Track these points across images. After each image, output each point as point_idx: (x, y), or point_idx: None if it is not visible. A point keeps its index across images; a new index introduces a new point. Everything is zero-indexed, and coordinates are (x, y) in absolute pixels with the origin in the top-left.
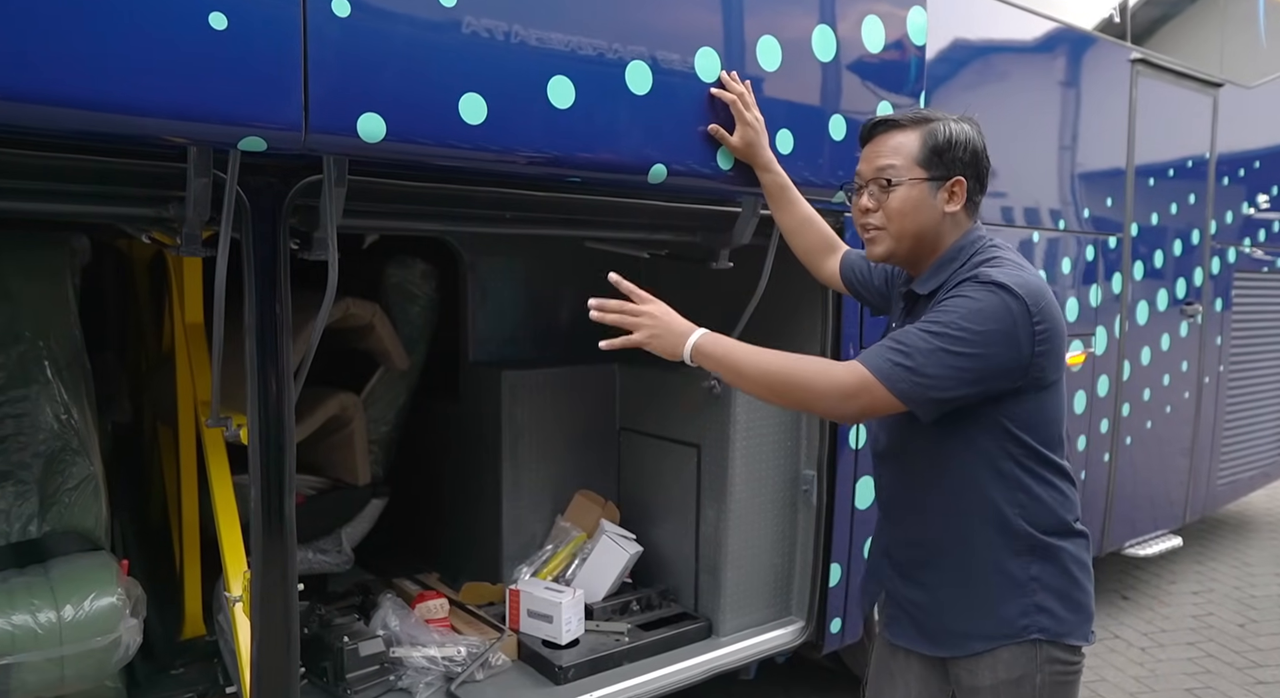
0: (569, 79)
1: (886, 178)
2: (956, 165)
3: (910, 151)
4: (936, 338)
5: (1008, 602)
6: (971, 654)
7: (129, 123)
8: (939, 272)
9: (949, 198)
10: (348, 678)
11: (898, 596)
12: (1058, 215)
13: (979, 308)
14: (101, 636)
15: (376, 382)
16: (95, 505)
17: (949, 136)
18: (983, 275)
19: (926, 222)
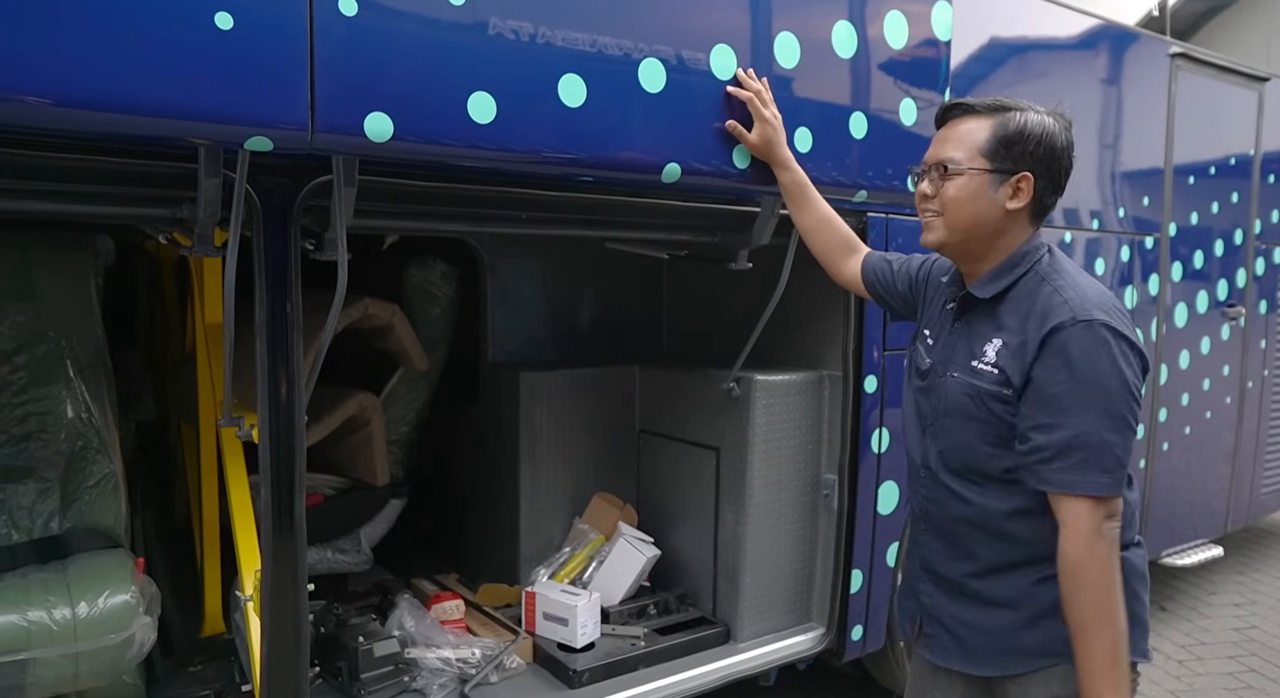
0: (580, 77)
1: (945, 165)
2: (1026, 160)
3: (977, 141)
4: (1098, 415)
5: (1061, 620)
6: (1027, 672)
7: (135, 123)
8: (1000, 277)
9: (1013, 193)
10: (362, 678)
11: (941, 614)
12: (1093, 215)
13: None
14: (115, 633)
15: (396, 382)
16: (115, 504)
17: (1021, 128)
18: (1074, 309)
19: (984, 215)
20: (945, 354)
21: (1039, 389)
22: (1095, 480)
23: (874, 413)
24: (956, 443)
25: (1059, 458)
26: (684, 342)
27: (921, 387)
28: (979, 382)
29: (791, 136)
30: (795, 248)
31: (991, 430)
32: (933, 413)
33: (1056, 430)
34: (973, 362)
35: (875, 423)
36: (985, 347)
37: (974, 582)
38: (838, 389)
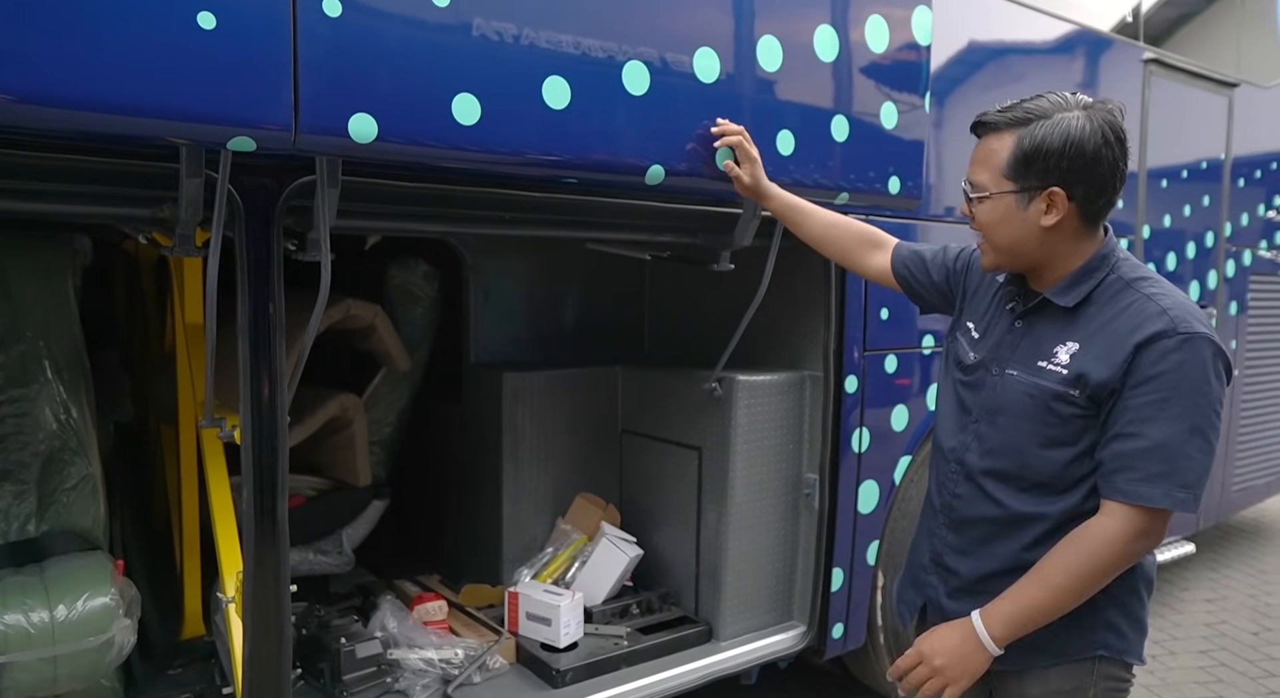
0: (564, 79)
1: (972, 191)
2: (1052, 174)
3: (999, 161)
4: (1191, 429)
5: (1080, 618)
6: (1029, 668)
7: (117, 122)
8: (1080, 283)
9: (1046, 209)
10: (344, 680)
11: (948, 608)
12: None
13: (1204, 370)
14: (95, 636)
15: (378, 383)
16: (93, 505)
17: (1038, 144)
18: (1175, 320)
19: (1021, 236)
20: (1001, 351)
21: (1126, 397)
22: (1172, 494)
23: (854, 413)
24: (1006, 443)
25: (1137, 467)
26: (665, 342)
27: (966, 381)
28: (1043, 381)
29: (774, 139)
30: (777, 249)
31: (1046, 433)
32: (980, 409)
33: (1139, 439)
34: (1039, 362)
35: (856, 423)
36: (1057, 348)
37: (988, 581)
38: (819, 389)
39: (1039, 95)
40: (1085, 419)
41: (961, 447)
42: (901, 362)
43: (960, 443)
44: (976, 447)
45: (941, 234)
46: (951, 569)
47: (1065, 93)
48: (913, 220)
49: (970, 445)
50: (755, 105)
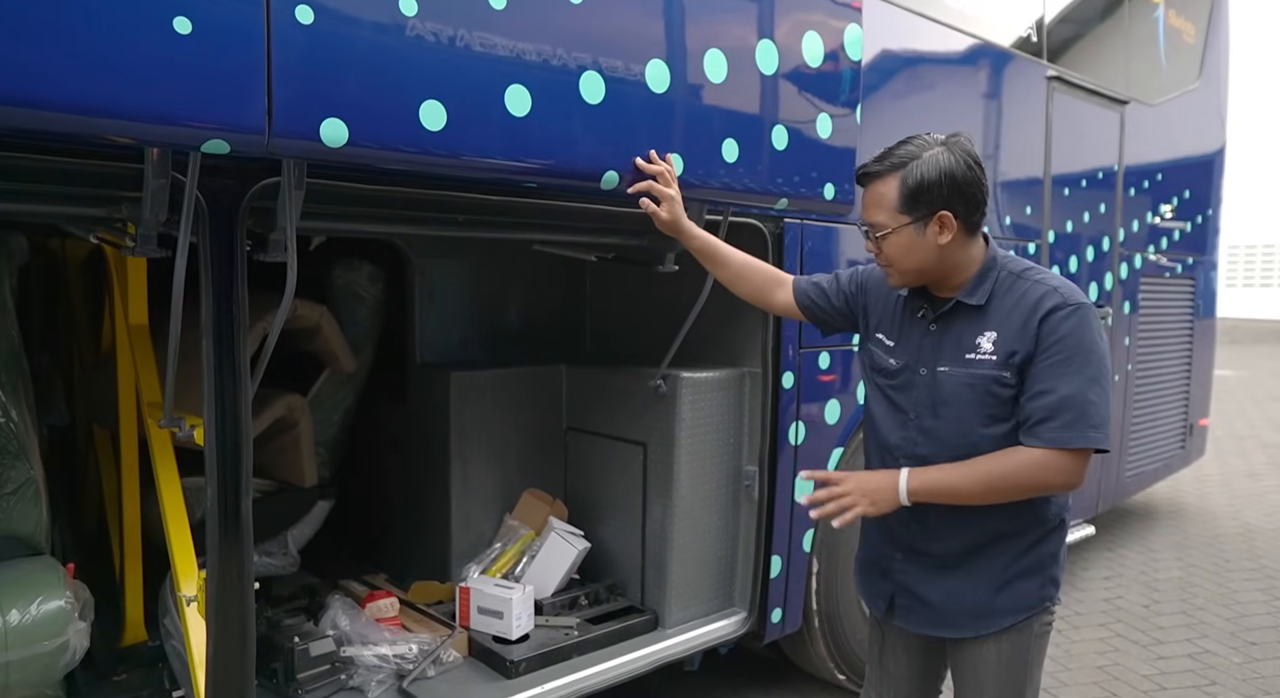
0: (526, 88)
1: (877, 230)
2: (937, 202)
3: (890, 201)
4: (1089, 379)
5: (1034, 578)
6: (995, 631)
7: (93, 124)
8: (982, 283)
9: (939, 230)
10: (298, 678)
11: (918, 588)
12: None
13: (1091, 332)
14: (49, 640)
15: (323, 383)
16: (35, 510)
17: (920, 179)
18: (1063, 295)
19: (925, 256)
20: (923, 354)
21: (1037, 363)
22: (1085, 435)
23: (791, 407)
24: (955, 428)
25: (1056, 416)
26: (607, 342)
27: (893, 384)
28: (977, 369)
29: (719, 146)
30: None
31: (987, 411)
32: (917, 407)
33: (1052, 394)
34: (967, 355)
35: (792, 417)
36: (978, 340)
37: (960, 557)
38: (757, 385)
39: (903, 141)
40: (1016, 397)
41: (909, 442)
42: (834, 358)
43: (905, 439)
44: (925, 440)
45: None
46: (922, 552)
47: (924, 135)
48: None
49: (918, 440)
50: (703, 114)
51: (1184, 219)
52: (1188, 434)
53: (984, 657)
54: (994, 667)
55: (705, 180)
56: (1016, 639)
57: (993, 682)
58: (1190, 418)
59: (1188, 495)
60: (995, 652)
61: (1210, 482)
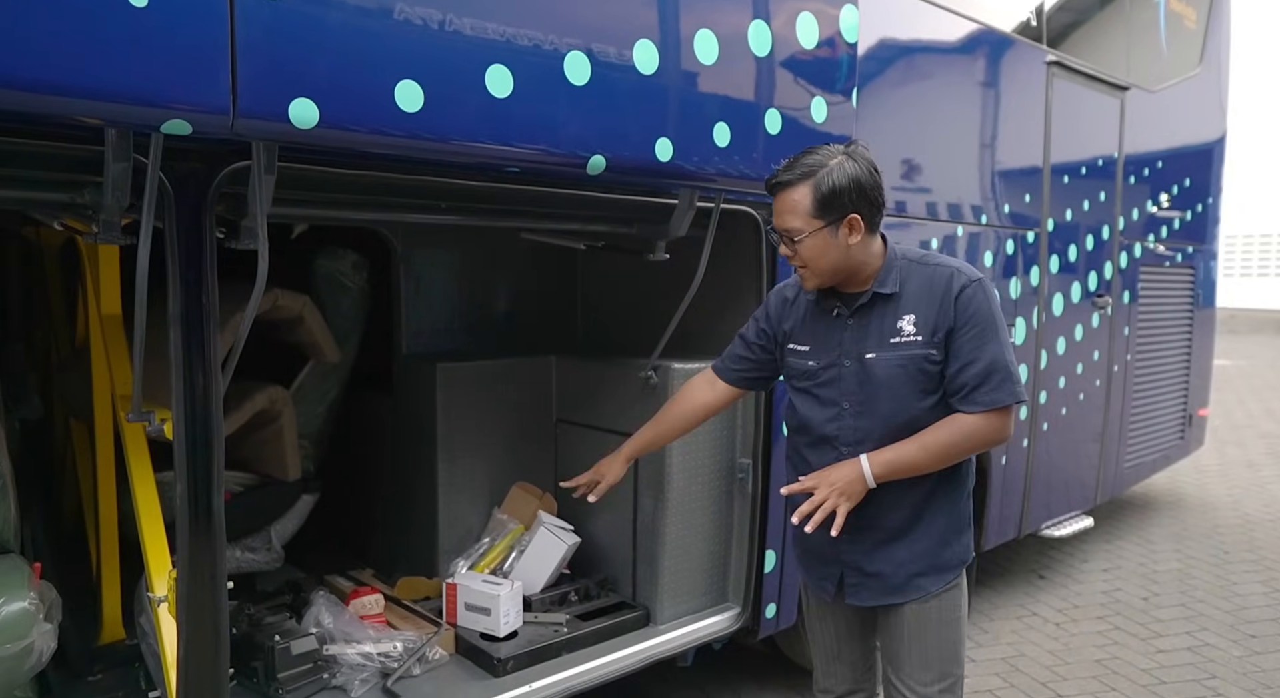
0: (507, 68)
1: (792, 234)
2: (847, 206)
3: (804, 207)
4: (1002, 344)
5: (963, 535)
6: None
7: (44, 102)
8: (890, 274)
9: (849, 232)
10: (279, 678)
11: (864, 563)
12: (980, 211)
13: (994, 302)
14: (13, 642)
15: (306, 375)
16: (3, 507)
17: (832, 186)
18: (966, 274)
19: (838, 256)
20: (845, 347)
21: (958, 338)
22: (1014, 392)
23: (785, 399)
24: (893, 407)
25: (986, 382)
26: (598, 332)
27: (817, 382)
28: (906, 350)
29: (711, 131)
30: (712, 239)
31: (919, 386)
32: (849, 396)
33: (979, 362)
34: (891, 339)
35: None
36: (899, 324)
37: (902, 527)
38: None
39: (808, 151)
40: (943, 370)
41: (847, 430)
42: None
43: (842, 428)
44: (862, 424)
45: None
46: (867, 528)
47: (825, 146)
48: None
49: (855, 426)
50: (693, 97)
51: (1183, 208)
52: (1187, 425)
53: (925, 616)
54: (935, 624)
55: (697, 166)
56: (951, 596)
57: (935, 639)
58: (1189, 408)
59: (1186, 486)
60: (937, 610)
61: (1209, 472)
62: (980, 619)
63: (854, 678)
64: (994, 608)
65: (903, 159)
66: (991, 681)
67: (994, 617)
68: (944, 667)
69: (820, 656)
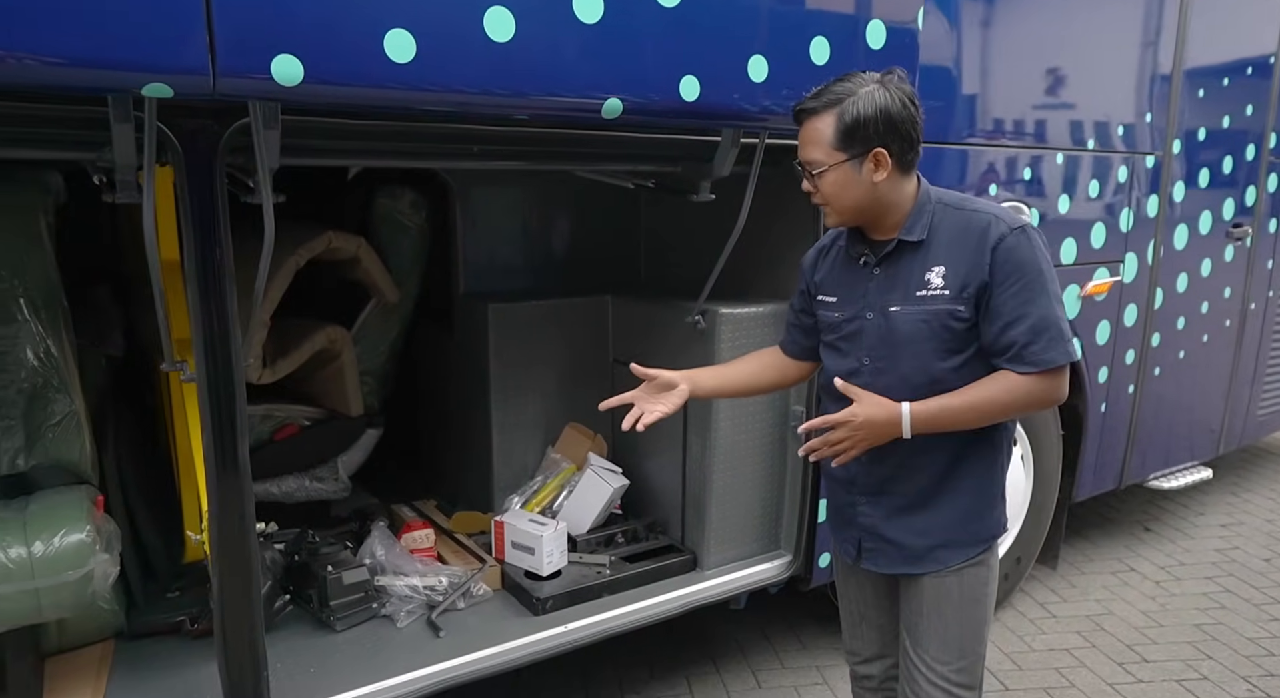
0: (508, 9)
1: (814, 167)
2: (873, 139)
3: (826, 137)
4: (1051, 297)
5: (994, 507)
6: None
7: (28, 71)
8: (919, 219)
9: (875, 168)
10: (331, 605)
11: (884, 530)
12: (1089, 133)
13: (1041, 252)
14: (73, 570)
15: (368, 314)
16: (78, 440)
17: (856, 116)
18: (1006, 222)
19: (861, 194)
20: (870, 298)
21: (1000, 292)
22: (1067, 350)
23: None
24: (914, 365)
25: (1036, 340)
26: (663, 270)
27: (842, 334)
28: (931, 305)
29: (745, 65)
30: (756, 179)
31: (945, 345)
32: (871, 351)
33: (1028, 319)
34: (918, 291)
35: None
36: (927, 276)
37: (923, 496)
38: None
39: (839, 79)
40: (971, 328)
41: (867, 388)
42: None
43: (862, 385)
44: (882, 381)
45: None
46: (888, 494)
47: (859, 73)
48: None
49: (874, 383)
50: (723, 30)
51: None
52: None
53: (945, 591)
54: (955, 601)
55: (728, 105)
56: (976, 572)
57: (954, 616)
58: None
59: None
60: (957, 586)
61: None
62: (1070, 571)
63: (880, 642)
64: (1087, 561)
65: (981, 72)
66: (1070, 639)
67: (1085, 571)
68: (963, 645)
69: (847, 618)
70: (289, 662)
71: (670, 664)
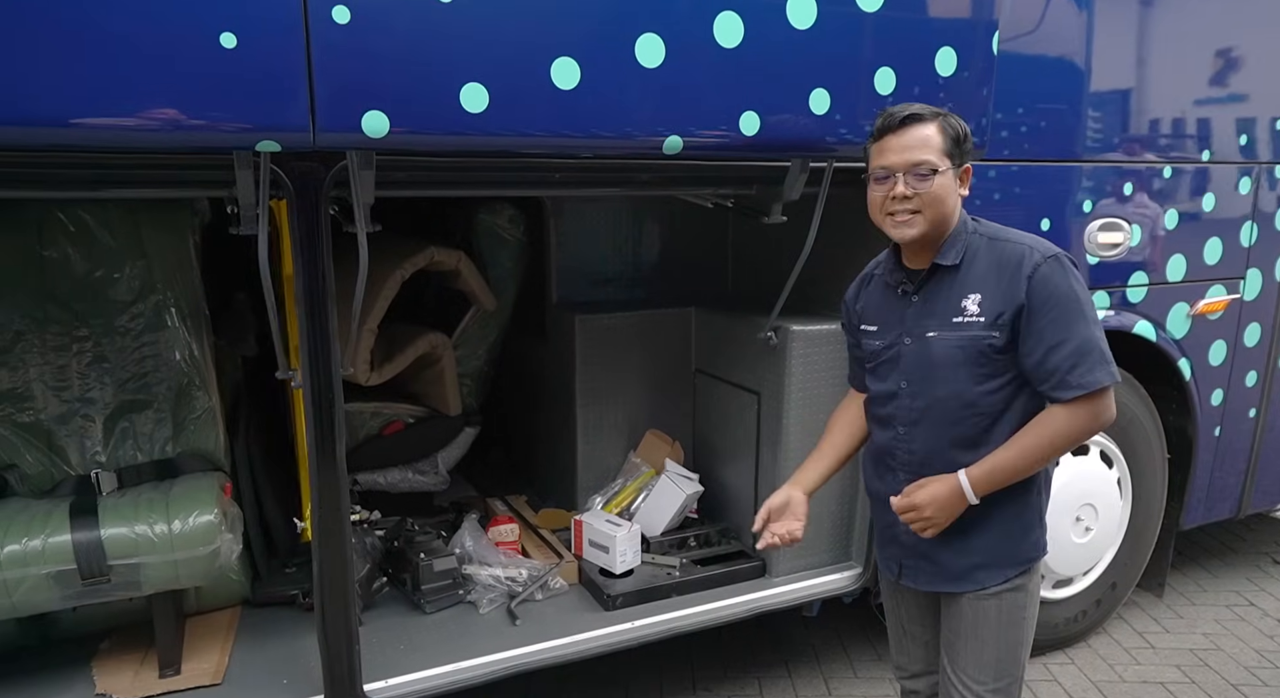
0: (573, 59)
1: (928, 168)
2: (968, 154)
3: (938, 144)
4: (1090, 322)
5: (1033, 529)
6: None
7: (164, 138)
8: (955, 245)
9: (963, 183)
10: (422, 589)
11: (924, 548)
12: (1202, 143)
13: (1076, 278)
14: (203, 546)
15: (469, 320)
16: (214, 432)
17: (959, 130)
18: (1040, 251)
19: (953, 204)
20: (908, 325)
21: (1038, 319)
22: (1110, 371)
23: None
24: (950, 390)
25: (1080, 363)
26: (749, 285)
27: (881, 361)
28: (967, 332)
29: (806, 99)
30: (824, 202)
31: (980, 371)
32: (908, 377)
33: (1069, 343)
34: (954, 318)
35: None
36: (963, 303)
37: (969, 513)
38: None
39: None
40: (1006, 355)
41: (903, 410)
42: None
43: (899, 408)
44: (920, 405)
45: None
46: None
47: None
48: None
49: (909, 406)
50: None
51: None
52: None
53: (984, 612)
54: (994, 623)
55: (789, 137)
56: (1014, 597)
57: (992, 637)
58: None
59: None
60: (996, 609)
61: None
62: (1177, 601)
63: (926, 658)
64: (1199, 591)
65: (1079, 82)
66: (1168, 673)
67: (1196, 601)
68: (1000, 667)
69: (894, 634)
70: (382, 637)
71: (744, 665)
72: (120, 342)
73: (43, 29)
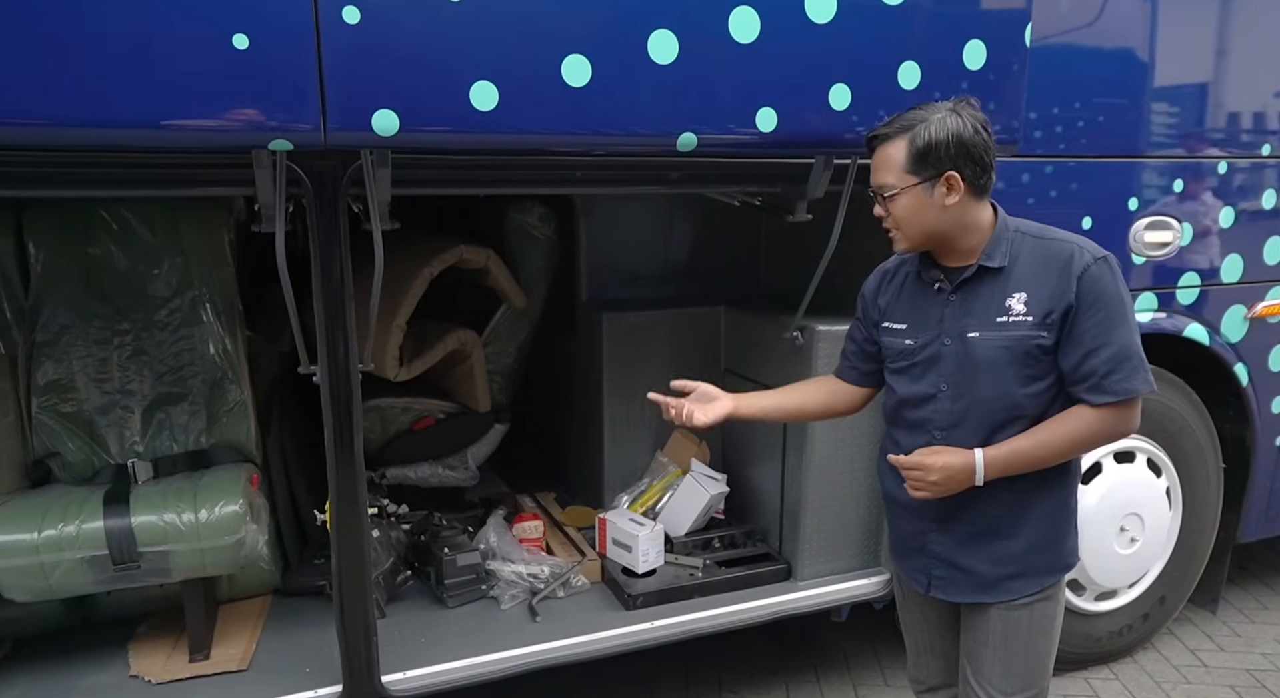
0: (584, 57)
1: (888, 190)
2: (944, 162)
3: (898, 162)
4: (1131, 328)
5: (1065, 540)
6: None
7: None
8: (999, 246)
9: (946, 191)
10: (446, 583)
11: (955, 558)
12: (1262, 138)
13: (1122, 282)
14: (229, 535)
15: (499, 318)
16: (245, 425)
17: (928, 140)
18: (1090, 252)
19: (932, 218)
20: (946, 324)
21: (1083, 320)
22: (1146, 379)
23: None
24: (994, 392)
25: (1118, 369)
26: (782, 283)
27: (915, 361)
28: (1013, 332)
29: (825, 94)
30: (848, 199)
31: (1026, 371)
32: (948, 378)
33: (1109, 347)
34: (998, 318)
35: None
36: (1008, 302)
37: (995, 522)
38: None
39: (913, 108)
40: (1053, 355)
41: (942, 414)
42: None
43: (935, 411)
44: (959, 408)
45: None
46: (961, 522)
47: (933, 102)
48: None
49: (948, 409)
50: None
51: None
52: None
53: (1014, 623)
54: (1024, 633)
55: (808, 133)
56: (1045, 607)
57: (1021, 648)
58: None
59: None
60: (1027, 618)
61: None
62: (1234, 618)
63: (946, 672)
64: (1260, 609)
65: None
66: (1220, 693)
67: (1256, 619)
68: (1028, 678)
69: (912, 646)
70: (404, 629)
71: (772, 667)
72: (158, 336)
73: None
